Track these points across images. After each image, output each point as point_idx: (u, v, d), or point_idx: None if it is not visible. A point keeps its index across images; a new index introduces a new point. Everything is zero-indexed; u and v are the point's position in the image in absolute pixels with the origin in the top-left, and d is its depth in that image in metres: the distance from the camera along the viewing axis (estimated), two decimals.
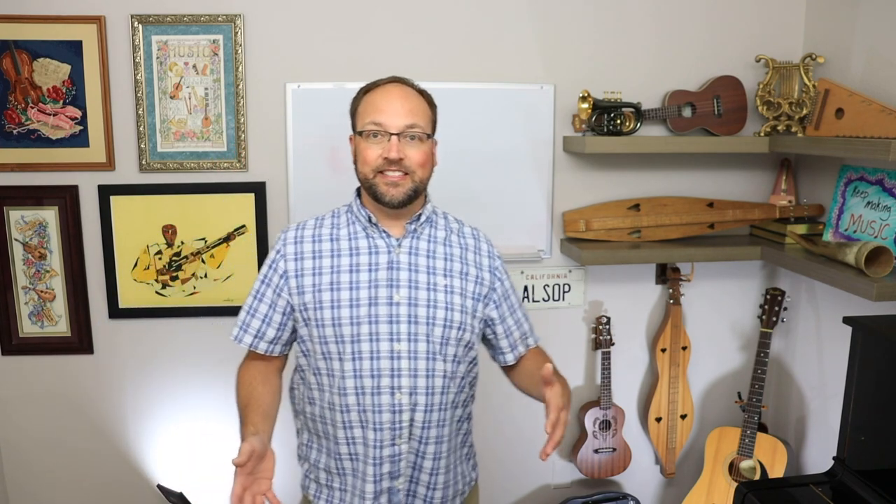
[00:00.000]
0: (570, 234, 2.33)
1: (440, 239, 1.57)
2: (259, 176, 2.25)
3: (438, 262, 1.54)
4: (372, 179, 1.47)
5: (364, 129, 1.47)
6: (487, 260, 1.60)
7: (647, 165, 2.36)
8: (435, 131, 1.56)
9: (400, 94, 1.48)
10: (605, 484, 2.59)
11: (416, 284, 1.50)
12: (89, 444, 2.37)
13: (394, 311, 1.48)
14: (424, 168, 1.49)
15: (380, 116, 1.45)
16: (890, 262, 1.85)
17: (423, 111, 1.49)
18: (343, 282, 1.49)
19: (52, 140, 2.17)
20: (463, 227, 1.63)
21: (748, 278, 2.50)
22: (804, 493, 1.75)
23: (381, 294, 1.48)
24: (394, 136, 1.44)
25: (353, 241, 1.52)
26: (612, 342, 2.42)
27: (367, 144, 1.46)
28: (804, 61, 2.20)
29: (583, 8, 2.26)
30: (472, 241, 1.61)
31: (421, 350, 1.49)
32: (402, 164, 1.44)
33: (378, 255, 1.51)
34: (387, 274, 1.49)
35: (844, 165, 2.14)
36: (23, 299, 2.27)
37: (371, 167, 1.46)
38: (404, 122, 1.44)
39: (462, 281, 1.54)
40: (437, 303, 1.50)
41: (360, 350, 1.47)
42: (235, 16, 2.14)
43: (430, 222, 1.57)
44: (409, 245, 1.53)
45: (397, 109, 1.45)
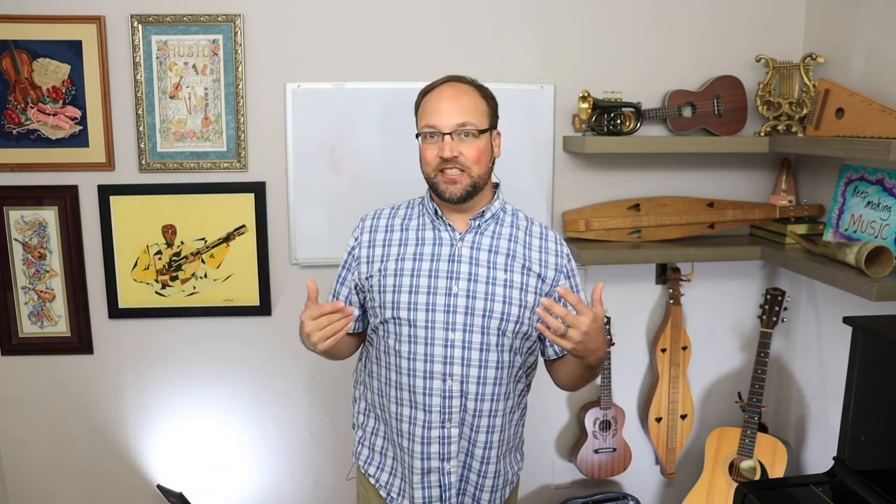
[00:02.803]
0: (570, 234, 2.33)
1: (505, 235, 1.60)
2: (259, 176, 2.25)
3: (500, 257, 1.57)
4: (433, 178, 1.54)
5: (421, 131, 1.55)
6: (554, 258, 1.62)
7: (647, 165, 2.36)
8: (496, 124, 1.59)
9: (451, 94, 1.53)
10: (605, 484, 2.59)
11: (476, 277, 1.54)
12: (89, 444, 2.37)
13: (451, 301, 1.53)
14: (480, 163, 1.53)
15: (432, 118, 1.52)
16: (890, 262, 1.85)
17: (475, 107, 1.53)
18: (406, 268, 1.56)
19: (51, 140, 2.17)
20: (532, 225, 1.65)
21: (748, 278, 2.50)
22: (804, 493, 1.75)
23: (440, 284, 1.54)
24: (446, 135, 1.50)
25: (421, 232, 1.60)
26: (612, 342, 2.42)
27: (426, 146, 1.54)
28: (804, 61, 2.20)
29: (583, 8, 2.26)
30: (539, 239, 1.63)
31: (475, 341, 1.53)
32: (458, 161, 1.50)
33: (441, 246, 1.57)
34: (447, 265, 1.55)
35: (844, 165, 2.14)
36: (22, 299, 2.27)
37: (431, 167, 1.53)
38: (455, 121, 1.50)
39: (523, 276, 1.57)
40: (494, 296, 1.54)
41: (416, 335, 1.54)
42: (235, 16, 2.14)
43: (495, 219, 1.61)
44: (471, 239, 1.58)
45: (448, 110, 1.51)
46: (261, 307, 2.31)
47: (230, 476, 2.45)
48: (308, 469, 2.47)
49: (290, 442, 2.44)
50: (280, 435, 2.43)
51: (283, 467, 2.46)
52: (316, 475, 2.46)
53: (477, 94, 1.56)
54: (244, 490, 2.46)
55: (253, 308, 2.31)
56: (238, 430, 2.42)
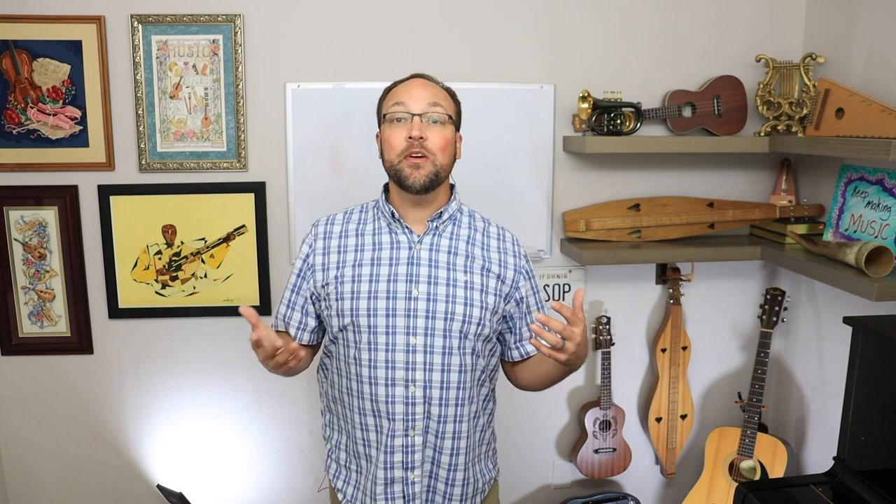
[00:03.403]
0: (570, 234, 2.33)
1: (463, 237, 1.58)
2: (259, 176, 2.25)
3: (460, 258, 1.55)
4: (397, 165, 1.49)
5: (388, 111, 1.51)
6: (513, 259, 1.61)
7: (647, 165, 2.36)
8: (459, 124, 1.59)
9: (421, 82, 1.53)
10: (605, 484, 2.59)
11: (436, 280, 1.51)
12: (89, 444, 2.37)
13: (412, 305, 1.50)
14: (445, 153, 1.51)
15: (402, 98, 1.50)
16: (890, 262, 1.85)
17: (444, 97, 1.54)
18: (364, 274, 1.52)
19: (51, 140, 2.17)
20: (489, 226, 1.64)
21: (748, 278, 2.50)
22: (804, 494, 1.75)
23: (399, 288, 1.50)
24: (416, 116, 1.48)
25: (377, 237, 1.56)
26: (612, 342, 2.42)
27: (392, 129, 1.50)
28: (804, 61, 2.20)
29: (583, 8, 2.26)
30: (496, 240, 1.62)
31: (437, 345, 1.50)
32: (424, 144, 1.47)
33: (399, 249, 1.53)
34: (406, 269, 1.52)
35: (844, 165, 2.14)
36: (22, 299, 2.27)
37: (396, 151, 1.49)
38: (426, 101, 1.49)
39: (483, 277, 1.55)
40: (455, 298, 1.51)
41: (377, 342, 1.50)
42: (235, 16, 2.14)
43: (453, 220, 1.59)
44: (430, 242, 1.55)
45: (419, 94, 1.50)
46: (261, 307, 2.31)
47: (230, 476, 2.45)
48: (308, 469, 2.47)
49: (289, 442, 2.44)
50: (280, 435, 2.42)
51: (282, 467, 2.46)
52: (315, 475, 2.46)
53: (445, 91, 1.56)
54: (244, 490, 2.46)
55: (253, 308, 2.30)
56: (238, 430, 2.42)
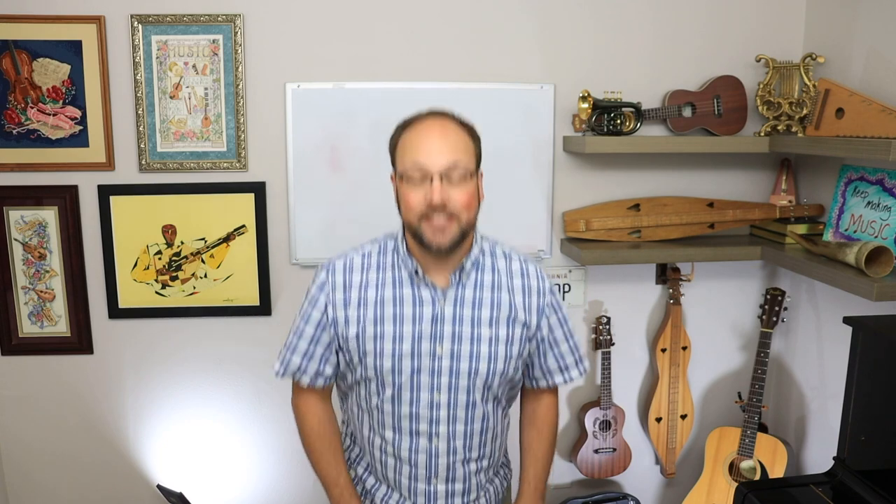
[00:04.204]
0: (570, 234, 2.33)
1: (487, 284, 1.51)
2: (259, 176, 2.25)
3: (485, 311, 1.49)
4: (417, 225, 1.39)
5: (404, 172, 1.38)
6: (537, 298, 1.54)
7: (647, 165, 2.36)
8: (480, 164, 1.47)
9: (440, 131, 1.38)
10: (605, 484, 2.59)
11: (461, 337, 1.47)
12: (89, 444, 2.37)
13: (436, 364, 1.47)
14: (470, 210, 1.40)
15: (420, 157, 1.36)
16: (890, 262, 1.85)
17: (465, 146, 1.40)
18: (387, 332, 1.46)
19: (51, 140, 2.17)
20: (511, 263, 1.55)
21: (748, 278, 2.50)
22: (804, 494, 1.75)
23: (424, 347, 1.46)
24: (436, 178, 1.35)
25: (398, 290, 1.48)
26: (612, 342, 2.42)
27: (409, 189, 1.38)
28: (804, 61, 2.20)
29: (583, 8, 2.26)
30: (521, 279, 1.54)
31: (461, 400, 1.49)
32: (446, 208, 1.36)
33: (423, 306, 1.47)
34: (430, 327, 1.46)
35: (845, 165, 2.14)
36: (22, 299, 2.27)
37: (416, 213, 1.38)
38: (446, 161, 1.35)
39: (509, 327, 1.51)
40: (480, 355, 1.48)
41: (401, 397, 1.48)
42: (235, 16, 2.14)
43: (476, 266, 1.51)
44: (454, 295, 1.48)
45: (438, 148, 1.36)
46: (261, 307, 2.31)
47: (230, 476, 2.45)
48: (308, 469, 2.45)
49: (289, 442, 2.43)
50: (280, 435, 2.42)
51: (282, 467, 2.46)
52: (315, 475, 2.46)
53: (464, 133, 1.42)
54: (244, 490, 2.46)
55: (253, 308, 2.31)
56: (238, 430, 2.42)
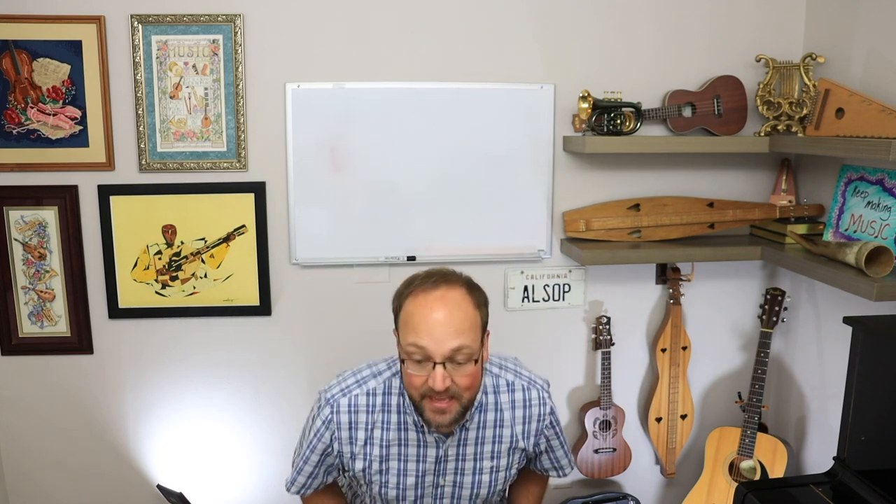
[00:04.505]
0: (570, 234, 2.33)
1: (490, 423, 1.54)
2: (259, 176, 2.25)
3: (487, 446, 1.55)
4: (419, 403, 1.40)
5: (406, 351, 1.37)
6: (536, 424, 1.58)
7: (647, 165, 2.36)
8: (486, 327, 1.43)
9: (444, 310, 1.34)
10: (605, 484, 2.59)
11: (463, 471, 1.56)
12: (89, 443, 2.37)
13: (438, 492, 1.57)
14: (472, 390, 1.41)
15: (422, 340, 1.33)
16: (890, 262, 1.85)
17: (470, 325, 1.36)
18: (392, 469, 1.53)
19: (51, 140, 2.17)
20: (513, 394, 1.55)
21: (748, 278, 2.50)
22: (804, 494, 1.75)
23: (427, 481, 1.55)
24: (438, 365, 1.33)
25: (403, 433, 1.51)
26: (612, 342, 2.42)
27: (412, 369, 1.37)
28: (804, 61, 2.20)
29: (583, 8, 2.26)
30: (522, 409, 1.56)
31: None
32: (448, 391, 1.36)
33: (427, 448, 1.53)
34: (434, 466, 1.54)
35: (844, 165, 2.14)
36: (22, 299, 2.27)
37: (417, 393, 1.39)
38: (449, 346, 1.33)
39: (510, 457, 1.58)
40: (482, 483, 1.57)
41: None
42: (235, 16, 2.14)
43: (480, 408, 1.52)
44: (458, 438, 1.53)
45: (442, 331, 1.32)
46: (261, 307, 2.31)
47: (230, 476, 2.45)
48: None
49: (289, 442, 2.43)
50: (280, 435, 2.42)
51: (282, 467, 2.45)
52: None
53: (470, 305, 1.38)
54: (244, 490, 2.46)
55: (253, 308, 2.31)
56: (238, 430, 2.42)
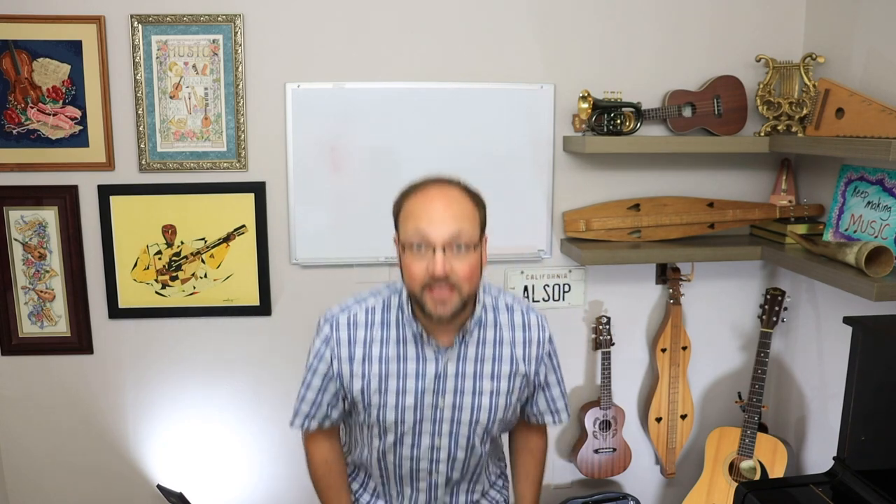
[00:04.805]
0: (570, 234, 2.33)
1: (490, 340, 1.54)
2: (259, 176, 2.25)
3: (487, 365, 1.53)
4: (420, 295, 1.41)
5: (407, 240, 1.39)
6: (537, 349, 1.58)
7: (647, 165, 2.36)
8: (484, 231, 1.47)
9: (443, 200, 1.39)
10: (605, 484, 2.59)
11: (463, 391, 1.52)
12: (89, 443, 2.37)
13: (438, 414, 1.53)
14: (472, 281, 1.41)
15: (423, 226, 1.36)
16: (890, 262, 1.85)
17: (469, 215, 1.40)
18: (390, 387, 1.51)
19: (51, 140, 2.17)
20: (513, 316, 1.57)
21: (748, 278, 2.50)
22: (804, 494, 1.75)
23: (427, 400, 1.52)
24: (438, 249, 1.35)
25: (402, 348, 1.51)
26: (612, 342, 2.42)
27: (412, 258, 1.39)
28: (804, 61, 2.20)
29: (583, 8, 2.26)
30: (522, 331, 1.57)
31: (461, 444, 1.56)
32: (449, 279, 1.37)
33: (426, 363, 1.51)
34: (433, 383, 1.51)
35: (844, 165, 2.14)
36: (22, 299, 2.27)
37: (418, 283, 1.39)
38: (449, 231, 1.36)
39: (510, 381, 1.56)
40: (481, 406, 1.54)
41: (402, 441, 1.55)
42: (235, 16, 2.14)
43: (479, 324, 1.53)
44: (457, 353, 1.52)
45: (441, 218, 1.36)
46: (261, 307, 2.31)
47: (230, 476, 2.45)
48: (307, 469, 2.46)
49: (289, 442, 2.43)
50: (280, 435, 2.42)
51: (282, 467, 2.46)
52: None
53: (468, 200, 1.42)
54: (244, 490, 2.46)
55: (253, 308, 2.31)
56: (238, 430, 2.42)
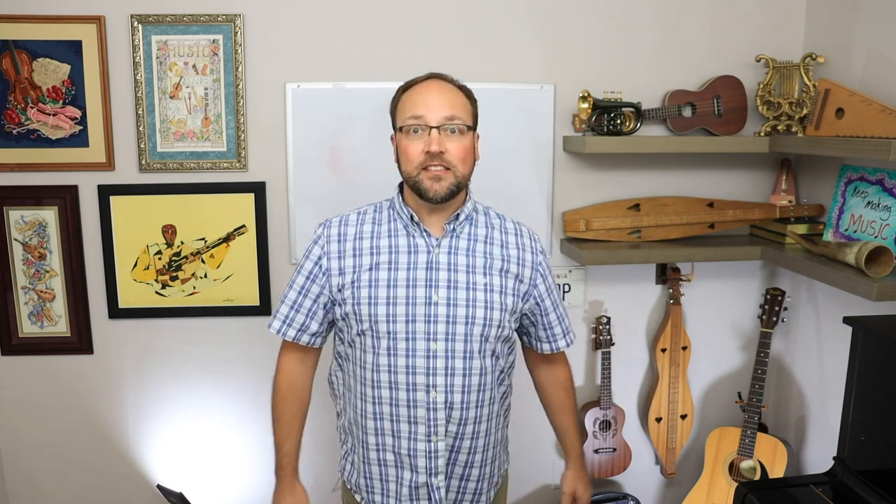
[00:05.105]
0: (570, 234, 2.33)
1: (481, 237, 1.56)
2: (259, 176, 2.25)
3: (479, 259, 1.53)
4: (416, 177, 1.46)
5: (405, 124, 1.47)
6: (530, 255, 1.60)
7: (647, 165, 2.36)
8: (476, 125, 1.54)
9: (438, 88, 1.48)
10: (605, 484, 2.59)
11: (456, 284, 1.50)
12: (89, 444, 2.37)
13: (432, 310, 1.48)
14: (465, 163, 1.48)
15: (419, 110, 1.45)
16: (890, 262, 1.85)
17: (462, 104, 1.49)
18: (381, 279, 1.49)
19: (51, 140, 2.17)
20: (505, 222, 1.62)
21: (748, 278, 2.50)
22: (804, 494, 1.75)
23: (419, 294, 1.48)
24: (434, 129, 1.44)
25: (393, 239, 1.52)
26: (612, 342, 2.42)
27: (409, 141, 1.46)
28: (804, 61, 2.20)
29: (583, 8, 2.26)
30: (514, 236, 1.60)
31: (458, 349, 1.49)
32: (444, 157, 1.44)
33: (417, 254, 1.51)
34: (426, 274, 1.49)
35: (844, 165, 2.14)
36: (22, 299, 2.27)
37: (414, 164, 1.46)
38: (444, 114, 1.44)
39: (502, 278, 1.54)
40: (476, 302, 1.50)
41: (396, 347, 1.48)
42: (235, 16, 2.14)
43: (470, 220, 1.57)
44: (448, 244, 1.52)
45: (436, 102, 1.45)
46: (261, 307, 2.31)
47: (230, 476, 2.45)
48: (307, 469, 2.45)
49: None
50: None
51: None
52: (315, 475, 2.46)
53: (461, 93, 1.52)
54: (244, 490, 2.46)
55: (253, 308, 2.31)
56: (238, 430, 2.42)
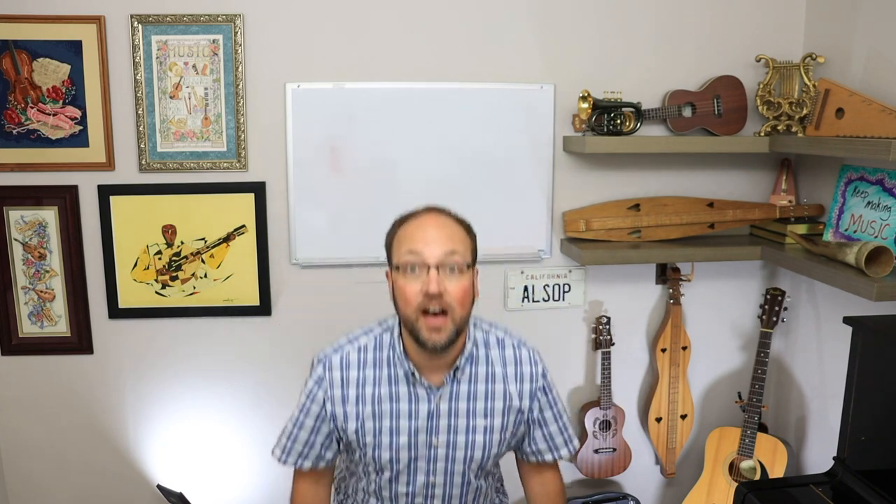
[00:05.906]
0: (570, 234, 2.33)
1: (482, 376, 1.53)
2: (259, 176, 2.25)
3: (479, 403, 1.53)
4: (415, 322, 1.40)
5: (401, 261, 1.40)
6: (529, 385, 1.56)
7: (647, 165, 2.36)
8: (476, 260, 1.47)
9: (436, 222, 1.42)
10: (605, 484, 2.59)
11: (456, 429, 1.52)
12: (89, 444, 2.37)
13: (432, 452, 1.53)
14: (464, 305, 1.41)
15: (416, 246, 1.38)
16: (890, 262, 1.85)
17: (461, 238, 1.43)
18: (384, 427, 1.50)
19: (51, 140, 2.17)
20: (505, 351, 1.56)
21: (748, 278, 2.50)
22: (804, 493, 1.75)
23: (420, 439, 1.52)
24: (433, 268, 1.36)
25: (394, 388, 1.51)
26: (612, 342, 2.42)
27: (406, 280, 1.39)
28: (804, 61, 2.20)
29: (583, 8, 2.26)
30: (513, 366, 1.56)
31: (457, 481, 1.57)
32: (443, 299, 1.37)
33: (418, 403, 1.50)
34: (427, 422, 1.51)
35: (845, 165, 2.14)
36: (22, 299, 2.27)
37: (413, 307, 1.39)
38: (442, 249, 1.37)
39: (504, 417, 1.55)
40: (475, 444, 1.53)
41: (398, 479, 1.55)
42: (235, 16, 2.14)
43: (470, 360, 1.53)
44: (449, 391, 1.51)
45: (434, 237, 1.38)
46: (261, 307, 2.31)
47: (230, 476, 2.45)
48: None
49: None
50: None
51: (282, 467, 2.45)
52: None
53: (460, 228, 1.44)
54: (244, 490, 2.46)
55: (253, 308, 2.31)
56: (238, 430, 2.42)
